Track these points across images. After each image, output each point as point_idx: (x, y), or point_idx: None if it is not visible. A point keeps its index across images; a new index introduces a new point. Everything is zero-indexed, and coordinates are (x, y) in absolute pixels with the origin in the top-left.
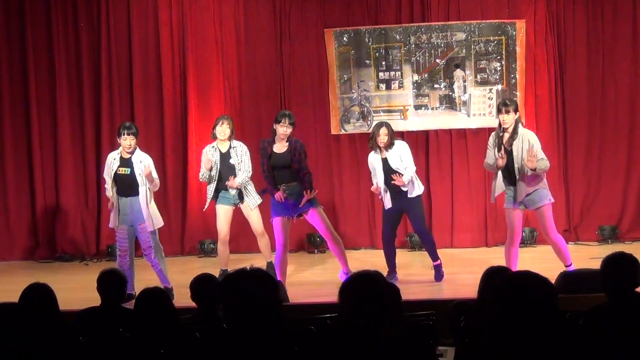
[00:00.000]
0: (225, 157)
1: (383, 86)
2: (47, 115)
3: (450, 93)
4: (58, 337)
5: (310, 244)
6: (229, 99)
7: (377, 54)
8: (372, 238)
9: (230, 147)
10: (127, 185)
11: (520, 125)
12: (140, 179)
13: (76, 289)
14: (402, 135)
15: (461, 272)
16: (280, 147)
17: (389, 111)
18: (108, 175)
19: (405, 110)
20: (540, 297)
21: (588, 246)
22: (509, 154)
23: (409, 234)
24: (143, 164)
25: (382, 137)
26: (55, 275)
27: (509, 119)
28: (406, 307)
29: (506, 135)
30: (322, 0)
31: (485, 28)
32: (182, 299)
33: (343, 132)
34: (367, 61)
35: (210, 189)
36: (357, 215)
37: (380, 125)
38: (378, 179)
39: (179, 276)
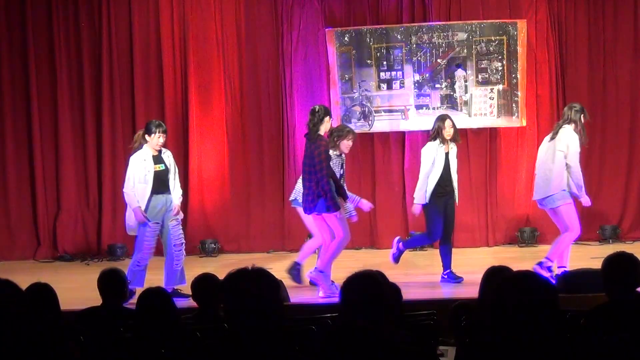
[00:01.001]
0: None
1: (384, 86)
2: (48, 115)
3: (452, 93)
4: (59, 337)
5: None
6: (230, 98)
7: (378, 54)
8: (372, 238)
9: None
10: (161, 182)
11: None
12: (172, 175)
13: (77, 288)
14: (404, 135)
15: (462, 272)
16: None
17: (390, 111)
18: (139, 176)
19: (406, 110)
20: (541, 297)
21: (589, 246)
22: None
23: (411, 233)
24: (170, 159)
25: (448, 129)
26: (56, 275)
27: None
28: (407, 306)
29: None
30: (324, 0)
31: (486, 28)
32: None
33: None
34: (369, 61)
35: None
36: (358, 215)
37: (444, 117)
38: (435, 171)
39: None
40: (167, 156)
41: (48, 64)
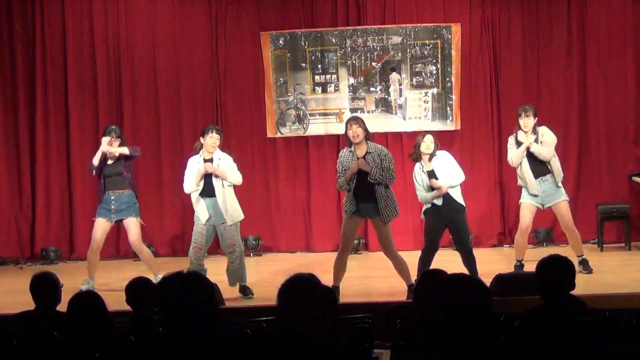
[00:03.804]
0: None
1: (319, 89)
2: None
3: (386, 96)
4: None
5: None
6: (165, 102)
7: (313, 57)
8: (308, 241)
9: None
10: (210, 185)
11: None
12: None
13: (10, 292)
14: (338, 138)
15: (393, 275)
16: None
17: (325, 114)
18: (192, 175)
19: (341, 114)
20: (475, 300)
21: None
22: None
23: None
24: (222, 161)
25: (428, 144)
26: None
27: (529, 123)
28: (342, 310)
29: (522, 135)
30: (258, 3)
31: (421, 31)
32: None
33: (279, 135)
34: (303, 64)
35: None
36: (292, 218)
37: (424, 133)
38: (426, 192)
39: (114, 281)
40: (219, 158)
41: None
